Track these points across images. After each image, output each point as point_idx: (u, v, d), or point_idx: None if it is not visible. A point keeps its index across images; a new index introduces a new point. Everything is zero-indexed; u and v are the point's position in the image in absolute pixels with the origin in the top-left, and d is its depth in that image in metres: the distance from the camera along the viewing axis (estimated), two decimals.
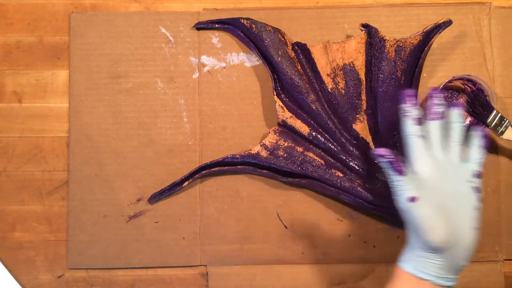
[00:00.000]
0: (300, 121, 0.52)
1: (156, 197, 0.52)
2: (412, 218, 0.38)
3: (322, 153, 0.52)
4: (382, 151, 0.38)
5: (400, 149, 0.51)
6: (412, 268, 0.38)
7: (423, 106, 0.53)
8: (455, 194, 0.39)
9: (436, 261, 0.38)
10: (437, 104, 0.42)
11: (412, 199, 0.37)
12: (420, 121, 0.41)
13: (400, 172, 0.38)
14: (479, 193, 0.40)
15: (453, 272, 0.38)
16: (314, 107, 0.51)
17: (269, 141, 0.52)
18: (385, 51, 0.51)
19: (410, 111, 0.41)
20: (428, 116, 0.42)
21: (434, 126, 0.41)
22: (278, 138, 0.52)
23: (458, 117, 0.42)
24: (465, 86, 0.52)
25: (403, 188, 0.38)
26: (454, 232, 0.37)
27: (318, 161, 0.51)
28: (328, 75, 0.52)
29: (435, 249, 0.37)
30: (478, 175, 0.40)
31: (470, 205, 0.39)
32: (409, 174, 0.39)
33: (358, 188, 0.50)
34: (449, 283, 0.38)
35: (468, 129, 0.43)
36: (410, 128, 0.41)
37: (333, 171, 0.51)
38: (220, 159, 0.51)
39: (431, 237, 0.37)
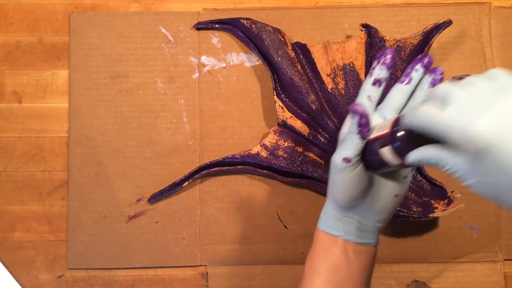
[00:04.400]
0: (300, 121, 0.52)
1: (156, 197, 0.52)
2: (336, 177, 0.37)
3: (322, 153, 0.52)
4: (359, 109, 0.34)
5: None
6: (325, 226, 0.39)
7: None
8: None
9: (346, 219, 0.38)
10: (415, 69, 0.37)
11: (347, 161, 0.36)
12: (379, 83, 0.38)
13: (364, 137, 0.35)
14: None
15: (366, 231, 0.39)
16: (314, 107, 0.51)
17: (269, 141, 0.52)
18: None
19: (375, 68, 0.38)
20: (399, 78, 0.38)
21: (396, 89, 0.38)
22: (278, 138, 0.52)
23: (426, 85, 0.37)
24: None
25: (350, 147, 0.36)
26: (369, 195, 0.37)
27: (318, 161, 0.51)
28: (328, 75, 0.52)
29: (345, 208, 0.38)
30: None
31: (398, 173, 0.38)
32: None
33: None
34: (363, 240, 0.38)
35: None
36: (366, 85, 0.38)
37: None
38: (220, 159, 0.51)
39: (343, 196, 0.37)
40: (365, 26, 0.51)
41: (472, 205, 0.52)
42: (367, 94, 0.38)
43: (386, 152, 0.34)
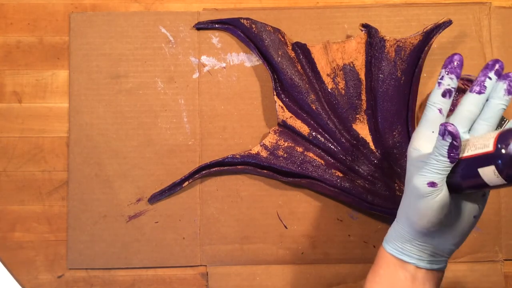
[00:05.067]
0: (300, 121, 0.52)
1: (156, 197, 0.52)
2: (419, 202, 0.34)
3: (322, 153, 0.52)
4: (453, 130, 0.31)
5: (399, 149, 0.51)
6: (395, 250, 0.37)
7: (423, 106, 0.53)
8: None
9: (420, 244, 0.36)
10: (488, 77, 0.35)
11: (433, 185, 0.33)
12: (450, 94, 0.35)
13: (453, 160, 0.32)
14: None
15: (439, 256, 0.36)
16: (314, 107, 0.51)
17: (269, 141, 0.52)
18: (385, 51, 0.51)
19: (444, 77, 0.35)
20: (471, 87, 0.36)
21: (469, 99, 0.35)
22: (278, 138, 0.52)
23: (502, 92, 0.35)
24: (465, 86, 0.52)
25: (438, 170, 0.33)
26: (448, 219, 0.35)
27: (318, 161, 0.51)
28: (328, 75, 0.52)
29: (421, 233, 0.35)
30: None
31: (477, 192, 0.35)
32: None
33: (358, 188, 0.50)
34: (435, 266, 0.36)
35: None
36: (434, 97, 0.36)
37: (333, 171, 0.51)
38: (220, 159, 0.51)
39: (421, 222, 0.34)
40: (365, 26, 0.51)
41: None
42: (438, 107, 0.35)
43: (489, 173, 0.31)
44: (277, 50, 0.52)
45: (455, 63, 0.35)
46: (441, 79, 0.36)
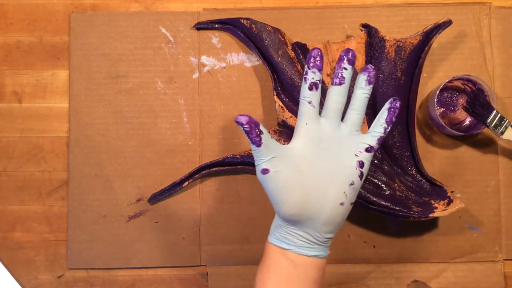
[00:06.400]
0: None
1: (156, 197, 0.52)
2: (266, 189, 0.38)
3: None
4: (241, 118, 0.36)
5: (399, 149, 0.51)
6: (275, 239, 0.39)
7: (423, 106, 0.53)
8: (329, 167, 0.38)
9: (293, 232, 0.38)
10: (344, 68, 0.39)
11: (264, 171, 0.37)
12: (316, 87, 0.39)
13: (256, 144, 0.36)
14: (362, 168, 0.38)
15: (315, 243, 0.38)
16: None
17: None
18: (385, 51, 0.51)
19: (307, 73, 0.39)
20: (332, 79, 0.39)
21: (333, 91, 0.39)
22: (278, 138, 0.52)
23: (363, 83, 0.39)
24: (465, 86, 0.52)
25: (259, 158, 0.37)
26: (310, 206, 0.37)
27: None
28: (328, 75, 0.52)
29: (288, 221, 0.38)
30: (368, 150, 0.38)
31: (344, 179, 0.37)
32: (268, 146, 0.37)
33: None
34: (313, 253, 0.38)
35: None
36: (303, 92, 0.39)
37: None
38: (220, 159, 0.51)
39: (281, 210, 0.37)
40: (365, 26, 0.51)
41: (472, 205, 0.52)
42: (308, 101, 0.39)
43: None
44: (277, 50, 0.52)
45: (316, 58, 0.39)
46: (306, 74, 0.39)
